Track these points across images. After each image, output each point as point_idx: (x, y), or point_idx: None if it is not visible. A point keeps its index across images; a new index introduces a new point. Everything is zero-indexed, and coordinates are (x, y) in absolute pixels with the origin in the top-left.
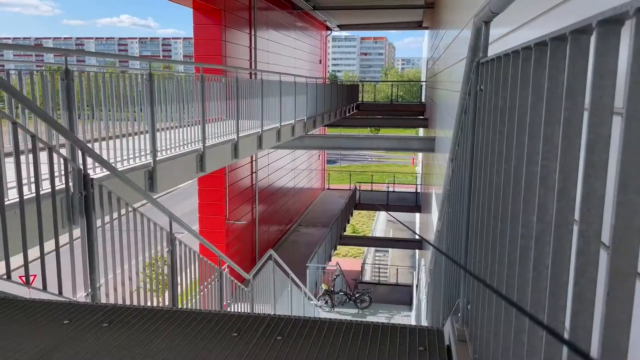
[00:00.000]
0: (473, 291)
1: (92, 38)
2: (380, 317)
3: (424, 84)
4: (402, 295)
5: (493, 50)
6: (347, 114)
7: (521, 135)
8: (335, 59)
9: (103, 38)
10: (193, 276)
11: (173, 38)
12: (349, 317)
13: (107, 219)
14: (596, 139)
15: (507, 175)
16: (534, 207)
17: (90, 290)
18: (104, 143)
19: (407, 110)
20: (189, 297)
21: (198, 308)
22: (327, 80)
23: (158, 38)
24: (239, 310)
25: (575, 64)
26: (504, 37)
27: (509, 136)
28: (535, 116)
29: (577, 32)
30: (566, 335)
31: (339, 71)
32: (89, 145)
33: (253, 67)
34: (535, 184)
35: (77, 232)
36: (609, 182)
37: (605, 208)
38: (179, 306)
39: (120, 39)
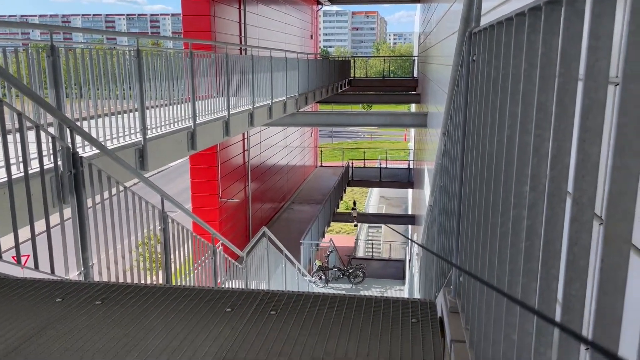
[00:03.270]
0: (465, 263)
1: (78, 15)
2: (373, 291)
3: (416, 59)
4: (395, 270)
5: (485, 22)
6: (339, 90)
7: (514, 105)
8: (326, 34)
9: (90, 15)
10: (187, 254)
11: (161, 14)
12: (342, 292)
13: (98, 198)
14: (591, 104)
15: (499, 145)
16: (527, 177)
17: (82, 269)
18: (92, 121)
19: (400, 86)
20: (183, 276)
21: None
22: (318, 55)
23: (146, 14)
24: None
25: (570, 27)
26: (496, 9)
27: (501, 106)
28: (528, 84)
29: None
30: (559, 304)
31: (330, 46)
32: (78, 124)
33: (243, 42)
34: (529, 153)
35: (67, 212)
36: (603, 148)
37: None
38: (173, 284)
39: (107, 15)
